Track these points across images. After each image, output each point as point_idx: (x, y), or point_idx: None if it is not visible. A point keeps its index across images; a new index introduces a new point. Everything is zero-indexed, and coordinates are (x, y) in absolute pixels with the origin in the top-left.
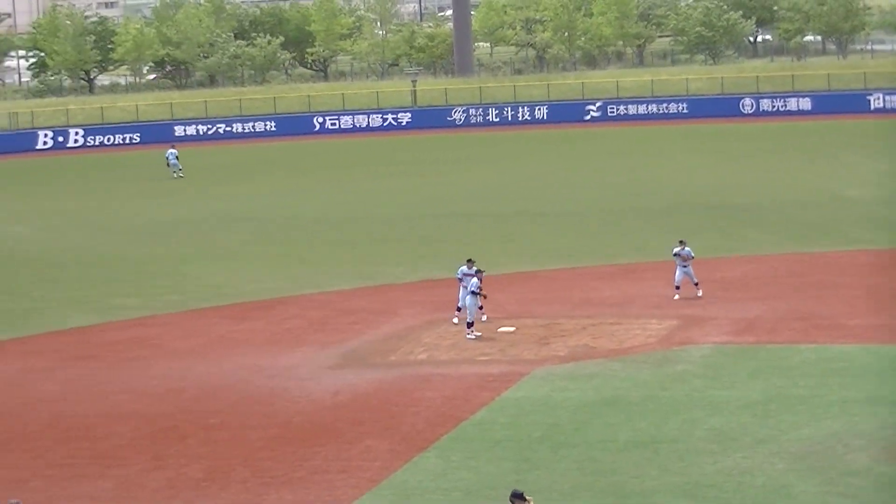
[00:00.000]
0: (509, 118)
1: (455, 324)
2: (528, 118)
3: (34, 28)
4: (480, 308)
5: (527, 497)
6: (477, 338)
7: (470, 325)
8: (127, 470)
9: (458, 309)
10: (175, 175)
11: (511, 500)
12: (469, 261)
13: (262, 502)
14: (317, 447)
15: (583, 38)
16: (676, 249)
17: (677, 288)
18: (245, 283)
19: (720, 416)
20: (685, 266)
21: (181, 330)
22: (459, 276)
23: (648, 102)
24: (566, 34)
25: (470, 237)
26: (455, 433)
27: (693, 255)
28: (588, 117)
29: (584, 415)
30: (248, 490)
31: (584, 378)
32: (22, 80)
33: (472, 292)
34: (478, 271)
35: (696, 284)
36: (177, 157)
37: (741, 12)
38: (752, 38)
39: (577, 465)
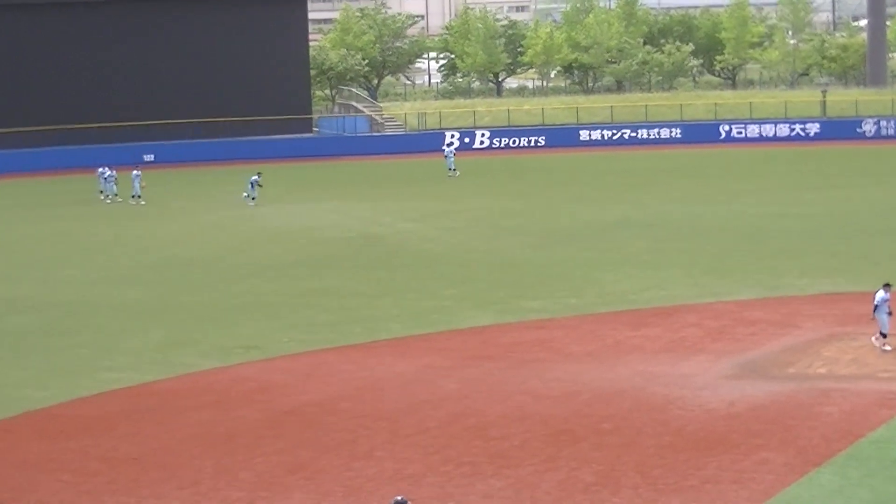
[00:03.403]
0: None
1: (883, 348)
2: None
3: (446, 30)
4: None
5: None
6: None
7: (884, 335)
8: (520, 470)
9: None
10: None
11: None
12: (886, 285)
13: None
14: (710, 457)
15: None
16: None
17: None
18: (645, 290)
19: None
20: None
21: (579, 334)
22: (877, 303)
23: None
24: None
25: (876, 253)
26: (851, 450)
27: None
28: None
29: None
30: (639, 496)
31: None
32: (432, 81)
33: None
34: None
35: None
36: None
37: None
38: None
39: None
